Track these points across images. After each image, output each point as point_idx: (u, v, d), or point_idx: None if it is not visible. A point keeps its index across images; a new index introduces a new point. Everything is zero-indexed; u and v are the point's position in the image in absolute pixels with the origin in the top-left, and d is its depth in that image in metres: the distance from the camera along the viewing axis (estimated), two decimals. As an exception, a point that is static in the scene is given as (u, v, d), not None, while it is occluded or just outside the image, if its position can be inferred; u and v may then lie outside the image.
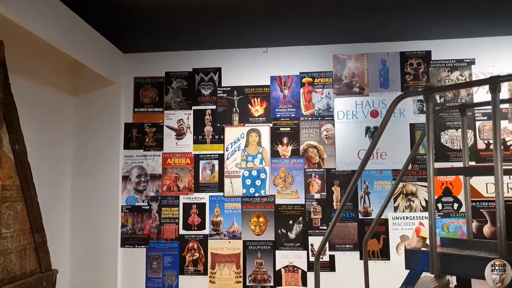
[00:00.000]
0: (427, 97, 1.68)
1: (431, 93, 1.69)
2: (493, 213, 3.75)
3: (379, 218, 2.31)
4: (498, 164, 1.50)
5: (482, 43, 3.89)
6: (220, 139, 4.06)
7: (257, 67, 4.09)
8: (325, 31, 3.82)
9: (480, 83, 1.70)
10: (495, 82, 1.52)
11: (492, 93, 1.54)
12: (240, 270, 3.92)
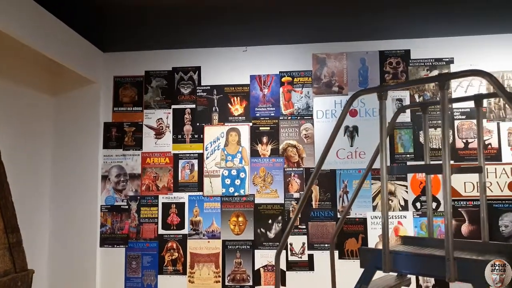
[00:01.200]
0: (381, 95, 1.68)
1: (384, 90, 1.68)
2: (471, 212, 3.75)
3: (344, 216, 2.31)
4: (446, 162, 1.49)
5: (461, 42, 3.89)
6: (199, 138, 4.04)
7: (236, 66, 4.07)
8: (304, 30, 3.81)
9: (430, 80, 1.68)
10: (443, 80, 1.52)
11: (441, 90, 1.53)
12: (219, 270, 3.91)
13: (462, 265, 1.45)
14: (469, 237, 3.74)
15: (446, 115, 1.54)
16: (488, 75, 1.52)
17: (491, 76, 1.52)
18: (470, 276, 1.43)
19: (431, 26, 3.73)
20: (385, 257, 1.62)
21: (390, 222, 3.83)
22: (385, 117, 1.69)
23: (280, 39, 3.98)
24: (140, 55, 4.18)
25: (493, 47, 3.85)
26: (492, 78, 1.50)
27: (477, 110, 2.01)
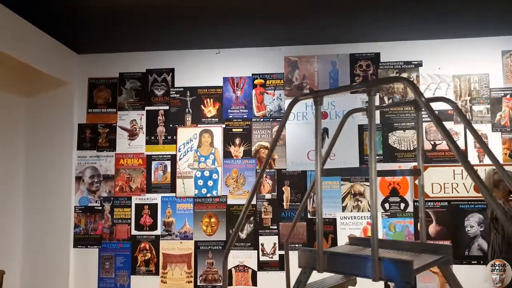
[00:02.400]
0: (316, 100, 1.73)
1: (319, 96, 1.73)
2: (439, 213, 3.82)
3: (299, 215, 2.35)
4: (373, 166, 1.54)
5: (429, 45, 3.95)
6: (172, 139, 4.08)
7: (210, 68, 4.11)
8: (276, 33, 3.86)
9: (359, 86, 1.73)
10: (371, 86, 1.57)
11: (368, 95, 1.58)
12: (191, 270, 3.95)
13: (387, 265, 1.49)
14: (436, 238, 3.81)
15: (373, 120, 1.59)
16: (408, 81, 1.57)
17: (411, 82, 1.57)
18: (393, 276, 1.48)
19: (401, 29, 3.79)
20: (319, 258, 1.67)
21: (359, 222, 3.89)
22: (320, 121, 1.74)
23: (253, 41, 4.03)
24: (114, 57, 4.21)
25: (460, 51, 3.92)
26: (411, 85, 1.55)
27: (416, 115, 2.07)
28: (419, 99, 1.47)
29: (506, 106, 3.84)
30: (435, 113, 1.46)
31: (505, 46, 3.88)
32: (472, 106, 3.87)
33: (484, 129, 3.83)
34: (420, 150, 2.00)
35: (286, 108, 1.87)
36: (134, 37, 3.88)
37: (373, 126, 1.57)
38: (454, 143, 1.39)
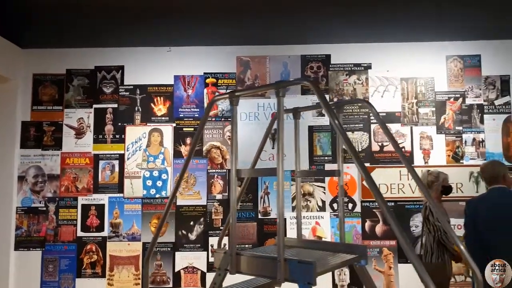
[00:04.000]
0: (232, 100, 1.71)
1: (235, 96, 1.71)
2: (385, 213, 3.89)
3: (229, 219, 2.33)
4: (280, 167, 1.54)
5: (378, 48, 4.02)
6: (121, 138, 3.98)
7: (160, 66, 4.04)
8: (229, 32, 3.83)
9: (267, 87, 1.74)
10: (279, 87, 1.57)
11: (277, 97, 1.58)
12: (139, 272, 3.87)
13: (292, 266, 1.49)
14: (383, 237, 3.88)
15: (281, 121, 1.59)
16: (311, 82, 1.58)
17: (314, 84, 1.58)
18: (297, 277, 1.48)
19: (351, 32, 3.85)
20: (232, 260, 1.66)
21: (308, 222, 3.92)
22: (236, 122, 1.73)
23: (205, 40, 3.98)
24: (61, 52, 4.07)
25: (408, 54, 4.01)
26: (314, 86, 1.56)
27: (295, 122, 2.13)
28: (321, 100, 1.48)
29: (450, 109, 3.96)
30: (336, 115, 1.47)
31: (449, 51, 4.01)
32: (418, 109, 3.97)
33: (429, 131, 3.94)
34: (340, 152, 2.02)
35: (206, 108, 1.84)
36: (83, 32, 3.76)
37: (281, 127, 1.58)
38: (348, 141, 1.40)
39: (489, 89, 3.98)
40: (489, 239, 2.46)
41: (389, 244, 3.86)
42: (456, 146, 3.92)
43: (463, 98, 3.97)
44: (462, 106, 3.96)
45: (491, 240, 2.45)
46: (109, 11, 3.33)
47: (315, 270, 1.47)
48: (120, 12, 3.34)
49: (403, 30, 3.80)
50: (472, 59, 4.00)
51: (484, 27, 3.78)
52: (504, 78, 3.98)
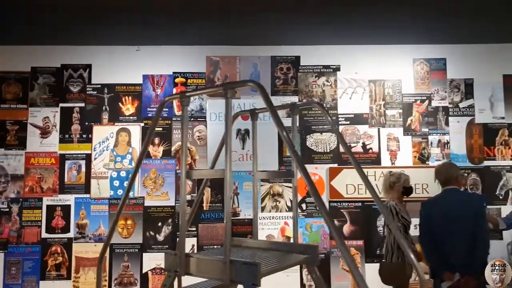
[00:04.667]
0: (182, 101, 1.70)
1: (185, 97, 1.71)
2: (353, 213, 3.94)
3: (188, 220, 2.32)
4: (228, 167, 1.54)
5: (347, 51, 4.07)
6: (88, 138, 3.91)
7: (129, 65, 3.99)
8: (198, 32, 3.81)
9: (215, 89, 1.74)
10: (227, 88, 1.57)
11: (225, 98, 1.58)
12: (105, 274, 3.81)
13: (237, 267, 1.50)
14: (351, 237, 3.93)
15: (229, 121, 1.59)
16: (256, 84, 1.58)
17: (259, 86, 1.59)
18: (242, 278, 1.48)
19: (320, 34, 3.88)
20: (181, 261, 1.65)
21: (278, 222, 3.94)
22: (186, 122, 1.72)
23: (175, 39, 3.95)
24: (26, 50, 3.97)
25: (376, 57, 4.07)
26: (260, 88, 1.57)
27: (253, 123, 2.14)
28: (266, 102, 1.49)
29: (416, 111, 4.04)
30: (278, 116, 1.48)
31: (416, 54, 4.09)
32: (386, 111, 4.03)
33: (396, 133, 4.01)
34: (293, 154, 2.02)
35: (157, 109, 1.83)
36: (49, 30, 3.68)
37: (229, 127, 1.58)
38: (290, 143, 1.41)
39: (454, 92, 4.07)
40: (443, 239, 2.52)
41: (357, 244, 3.91)
42: (422, 147, 4.00)
43: (429, 101, 4.06)
44: (428, 108, 4.04)
45: (445, 239, 2.50)
46: (77, 9, 3.27)
47: (259, 271, 1.48)
48: (87, 10, 3.29)
49: (371, 33, 3.86)
50: (438, 63, 4.09)
51: (449, 31, 3.86)
52: (468, 81, 4.08)
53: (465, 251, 2.40)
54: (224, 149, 1.57)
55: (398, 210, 2.89)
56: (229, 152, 1.57)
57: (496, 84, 4.08)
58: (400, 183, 2.99)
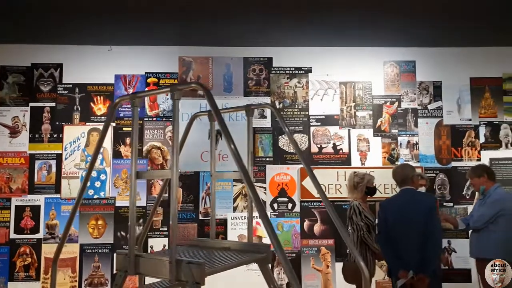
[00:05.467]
0: (133, 102, 1.72)
1: (136, 97, 1.73)
2: (323, 213, 4.00)
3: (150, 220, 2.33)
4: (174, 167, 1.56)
5: (319, 53, 4.13)
6: (58, 138, 3.89)
7: (101, 65, 3.98)
8: (171, 32, 3.82)
9: (164, 90, 1.77)
10: (174, 90, 1.60)
11: (172, 99, 1.61)
12: (75, 274, 3.79)
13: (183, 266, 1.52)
14: (321, 237, 3.98)
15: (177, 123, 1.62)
16: (200, 85, 1.61)
17: (204, 87, 1.62)
18: (186, 277, 1.51)
19: (292, 35, 3.92)
20: (130, 261, 1.67)
21: (249, 223, 3.96)
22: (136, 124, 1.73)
23: (147, 40, 3.95)
24: (-5, 48, 3.93)
25: (347, 59, 4.13)
26: (204, 89, 1.59)
27: (211, 124, 2.17)
28: (209, 103, 1.53)
29: (386, 113, 4.12)
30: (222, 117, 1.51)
31: (386, 56, 4.16)
32: (356, 112, 4.10)
33: (366, 134, 4.08)
34: (250, 154, 2.06)
35: (110, 110, 1.85)
36: (19, 28, 3.64)
37: (177, 128, 1.61)
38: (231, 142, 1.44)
39: (423, 94, 4.16)
40: (398, 238, 2.58)
41: (327, 243, 3.96)
42: (391, 148, 4.08)
43: (399, 102, 4.14)
44: (398, 110, 4.13)
45: (399, 238, 2.57)
46: (48, 7, 3.24)
47: (203, 270, 1.50)
48: (59, 9, 3.26)
49: (342, 35, 3.92)
50: (408, 65, 4.18)
51: (419, 34, 3.95)
52: (437, 83, 4.17)
53: (418, 250, 2.47)
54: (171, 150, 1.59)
55: (361, 210, 2.95)
56: (176, 153, 1.60)
57: (463, 87, 4.18)
58: (364, 183, 3.05)
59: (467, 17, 3.55)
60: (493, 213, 2.85)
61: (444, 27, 3.77)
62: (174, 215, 1.58)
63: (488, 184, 3.05)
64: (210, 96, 1.55)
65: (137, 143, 1.74)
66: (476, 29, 3.80)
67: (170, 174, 1.59)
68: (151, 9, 3.32)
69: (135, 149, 1.74)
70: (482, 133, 4.16)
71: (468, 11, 3.45)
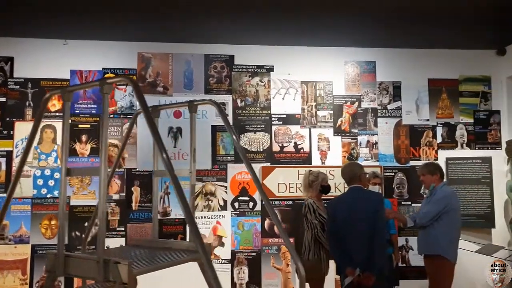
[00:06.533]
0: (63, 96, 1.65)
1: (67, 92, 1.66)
2: (284, 211, 3.99)
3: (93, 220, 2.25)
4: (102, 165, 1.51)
5: (281, 51, 4.12)
6: (9, 135, 3.73)
7: (55, 59, 3.84)
8: (130, 27, 3.73)
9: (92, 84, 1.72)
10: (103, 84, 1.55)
11: (101, 93, 1.56)
12: (26, 277, 3.64)
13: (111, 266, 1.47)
14: (282, 235, 3.97)
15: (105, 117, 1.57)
16: (130, 80, 1.58)
17: (132, 81, 1.58)
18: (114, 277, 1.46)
19: (254, 33, 3.90)
20: (59, 261, 1.60)
21: (210, 222, 3.92)
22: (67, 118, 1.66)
23: (105, 34, 3.84)
24: None
25: (308, 58, 4.14)
26: (132, 83, 1.55)
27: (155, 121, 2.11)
28: (137, 96, 1.47)
29: (346, 112, 4.16)
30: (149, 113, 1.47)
31: (347, 57, 4.20)
32: (317, 111, 4.12)
33: (327, 133, 4.11)
34: (192, 152, 2.02)
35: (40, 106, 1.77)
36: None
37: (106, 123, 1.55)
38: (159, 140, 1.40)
39: (382, 94, 4.23)
40: (345, 236, 2.60)
41: (287, 242, 3.95)
42: (351, 147, 4.12)
43: (359, 102, 4.19)
44: (358, 109, 4.17)
45: (347, 236, 2.59)
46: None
47: (130, 270, 1.45)
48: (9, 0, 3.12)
49: (305, 34, 3.92)
50: (368, 65, 4.23)
51: (379, 35, 4.01)
52: (396, 84, 4.25)
53: (364, 248, 2.49)
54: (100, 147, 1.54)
55: (315, 208, 2.95)
56: (105, 150, 1.54)
57: (422, 88, 4.28)
58: (318, 182, 3.06)
59: (426, 20, 3.62)
60: (438, 210, 2.92)
61: (403, 29, 3.84)
62: (102, 212, 1.52)
63: (438, 183, 3.12)
64: (138, 90, 1.50)
65: (68, 139, 1.67)
66: (434, 32, 3.89)
67: (99, 171, 1.53)
68: (109, 2, 3.22)
69: (66, 145, 1.66)
70: (439, 133, 4.26)
71: (427, 15, 3.52)
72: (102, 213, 1.53)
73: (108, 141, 3.82)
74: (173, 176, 1.37)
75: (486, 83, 4.35)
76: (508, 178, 4.15)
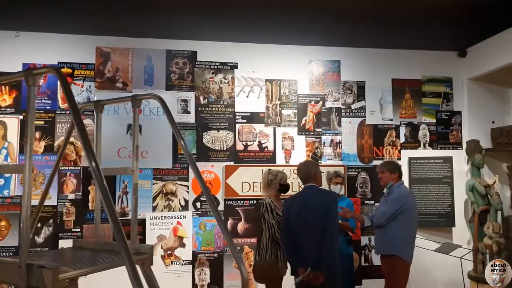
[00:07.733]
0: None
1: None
2: (247, 211, 3.94)
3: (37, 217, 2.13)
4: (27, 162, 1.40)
5: (245, 48, 4.06)
6: (-46, 131, 3.51)
7: (6, 52, 3.65)
8: (88, 20, 3.58)
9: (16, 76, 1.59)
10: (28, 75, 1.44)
11: (27, 85, 1.45)
12: (-28, 282, 3.43)
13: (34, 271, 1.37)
14: (244, 235, 3.92)
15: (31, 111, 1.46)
16: (57, 72, 1.48)
17: (59, 73, 1.48)
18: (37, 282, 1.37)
19: (218, 30, 3.82)
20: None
21: (170, 222, 3.82)
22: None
23: (61, 27, 3.68)
24: None
25: (273, 56, 4.10)
26: (59, 75, 1.45)
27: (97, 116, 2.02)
28: (63, 90, 1.39)
29: (311, 112, 4.14)
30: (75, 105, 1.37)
31: (312, 55, 4.18)
32: (282, 110, 4.08)
33: (291, 132, 4.07)
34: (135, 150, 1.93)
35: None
36: None
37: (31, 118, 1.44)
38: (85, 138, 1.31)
39: (346, 94, 4.23)
40: (298, 235, 2.57)
41: (250, 242, 3.90)
42: (315, 146, 4.11)
43: (323, 101, 4.17)
44: (322, 109, 4.16)
45: (299, 235, 2.56)
46: None
47: (56, 275, 1.36)
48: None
49: (269, 32, 3.87)
50: (333, 64, 4.23)
51: (344, 35, 4.00)
52: (360, 84, 4.26)
53: (316, 247, 2.46)
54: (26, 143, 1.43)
55: (273, 207, 2.91)
56: (30, 146, 1.43)
57: (386, 88, 4.31)
58: (277, 181, 3.01)
59: (390, 20, 3.64)
60: (395, 210, 2.92)
61: (368, 29, 3.85)
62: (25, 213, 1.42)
63: (395, 181, 3.13)
64: (64, 82, 1.40)
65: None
66: (398, 32, 3.92)
67: (23, 168, 1.42)
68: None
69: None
70: (403, 133, 4.31)
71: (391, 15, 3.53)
72: (27, 213, 1.42)
73: (63, 138, 3.67)
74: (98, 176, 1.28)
75: (448, 84, 4.43)
76: (468, 177, 4.24)
